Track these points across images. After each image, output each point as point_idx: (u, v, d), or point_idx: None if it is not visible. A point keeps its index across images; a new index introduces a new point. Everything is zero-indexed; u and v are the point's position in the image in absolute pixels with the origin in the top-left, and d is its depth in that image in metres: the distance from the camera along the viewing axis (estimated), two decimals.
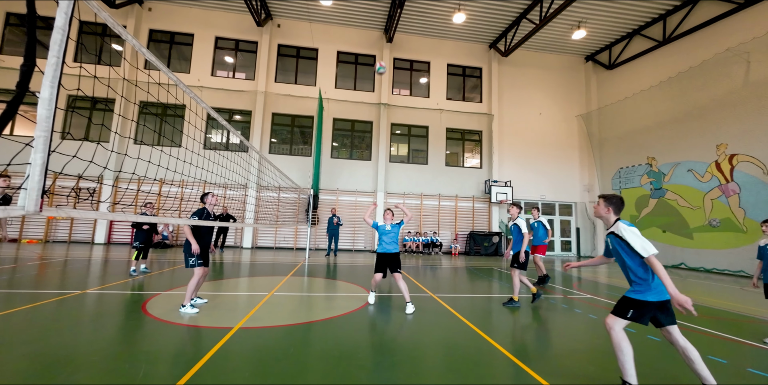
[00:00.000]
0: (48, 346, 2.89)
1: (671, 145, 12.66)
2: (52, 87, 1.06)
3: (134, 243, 6.62)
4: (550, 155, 16.23)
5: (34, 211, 1.03)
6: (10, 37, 13.57)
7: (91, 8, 1.35)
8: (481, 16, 14.16)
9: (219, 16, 14.67)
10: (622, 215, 12.10)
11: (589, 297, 6.00)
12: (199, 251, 4.07)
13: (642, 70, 14.32)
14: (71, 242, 12.62)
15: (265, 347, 3.05)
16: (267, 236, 14.02)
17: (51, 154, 1.09)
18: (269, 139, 14.50)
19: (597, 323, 4.35)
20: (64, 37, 1.11)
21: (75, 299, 4.46)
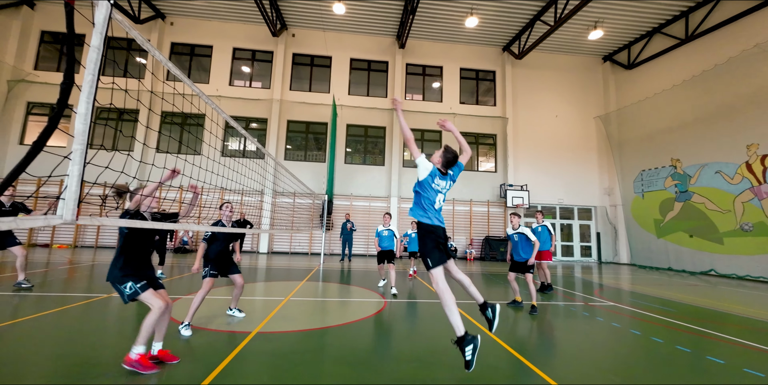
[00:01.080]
0: (76, 348, 3.01)
1: (697, 146, 12.16)
2: (88, 103, 1.13)
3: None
4: (567, 158, 15.86)
5: (72, 220, 1.10)
6: (44, 53, 14.45)
7: (123, 28, 1.44)
8: (493, 19, 14.11)
9: (236, 28, 15.19)
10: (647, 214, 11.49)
11: (612, 305, 5.79)
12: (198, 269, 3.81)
13: (663, 69, 13.88)
14: (98, 247, 13.15)
15: (282, 352, 3.08)
16: (282, 241, 14.22)
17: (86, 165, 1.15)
18: (284, 145, 14.79)
19: (621, 331, 4.18)
20: (99, 56, 1.19)
21: (101, 303, 4.64)
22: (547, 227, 6.92)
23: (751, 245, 10.29)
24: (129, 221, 1.64)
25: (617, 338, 3.94)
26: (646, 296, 6.91)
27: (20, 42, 13.75)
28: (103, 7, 1.18)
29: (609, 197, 15.76)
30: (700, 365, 3.15)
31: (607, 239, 15.54)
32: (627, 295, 7.02)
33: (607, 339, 3.92)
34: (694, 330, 4.32)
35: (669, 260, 12.81)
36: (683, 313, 5.34)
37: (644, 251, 13.95)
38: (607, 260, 15.39)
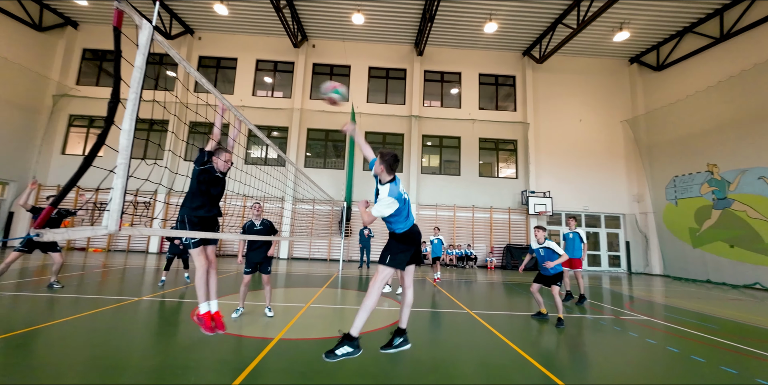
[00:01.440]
0: (109, 350, 3.14)
1: (736, 150, 11.44)
2: (132, 119, 1.20)
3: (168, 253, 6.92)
4: (592, 164, 15.30)
5: (115, 230, 1.16)
6: (85, 69, 15.53)
7: (163, 47, 1.53)
8: (513, 24, 13.98)
9: (260, 41, 15.80)
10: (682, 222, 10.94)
11: (645, 319, 5.46)
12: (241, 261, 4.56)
13: (696, 70, 13.23)
14: (129, 251, 13.79)
15: (303, 360, 3.09)
16: (302, 247, 14.40)
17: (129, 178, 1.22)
18: (304, 153, 15.10)
19: (657, 349, 3.93)
20: (142, 75, 1.26)
21: (132, 306, 4.83)
22: (578, 233, 6.70)
23: None
24: (166, 231, 1.71)
25: (653, 356, 3.70)
26: (683, 310, 6.48)
27: (64, 59, 14.87)
28: (146, 29, 1.26)
29: (639, 204, 15.02)
30: None
31: (638, 249, 14.77)
32: (661, 308, 6.61)
33: (643, 357, 3.69)
34: (740, 349, 4.00)
35: (707, 272, 12.00)
36: (726, 330, 4.96)
37: (679, 262, 13.14)
38: (637, 271, 14.60)
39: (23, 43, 13.64)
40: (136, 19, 1.25)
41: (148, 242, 13.90)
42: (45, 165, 14.24)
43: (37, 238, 0.93)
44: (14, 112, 13.36)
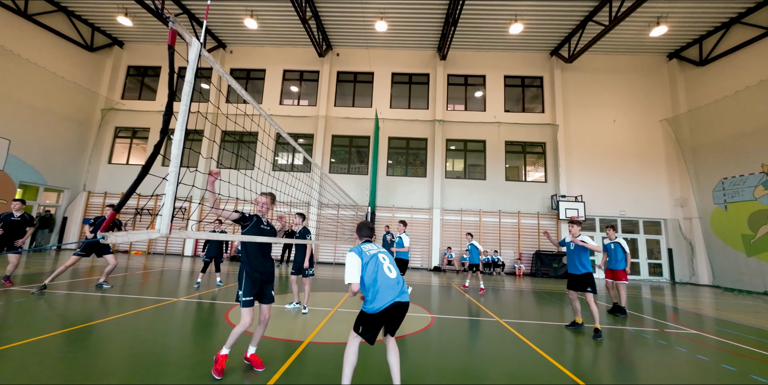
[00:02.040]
0: (150, 348, 3.32)
1: None
2: (182, 130, 1.28)
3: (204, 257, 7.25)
4: (629, 166, 14.47)
5: (167, 233, 1.24)
6: (129, 85, 16.80)
7: (208, 62, 1.63)
8: (540, 24, 13.65)
9: (287, 52, 16.42)
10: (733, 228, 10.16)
11: (694, 333, 5.04)
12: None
13: (746, 63, 12.26)
14: (167, 254, 14.59)
15: (333, 364, 3.11)
16: (327, 251, 14.61)
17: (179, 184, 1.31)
18: (329, 159, 15.41)
19: (710, 366, 3.61)
20: (191, 89, 1.35)
21: (169, 307, 5.10)
22: (620, 244, 6.39)
23: None
24: (208, 234, 1.80)
25: (706, 374, 3.40)
26: (738, 324, 5.92)
27: (111, 76, 16.17)
28: (195, 46, 1.35)
29: (682, 208, 14.00)
30: None
31: (682, 257, 13.72)
32: (712, 322, 6.08)
33: (694, 374, 3.40)
34: None
35: (765, 283, 10.93)
36: None
37: (731, 272, 12.07)
38: (682, 281, 13.55)
39: (77, 63, 14.99)
40: (186, 37, 1.35)
41: (183, 246, 14.65)
42: (94, 174, 15.45)
43: (103, 240, 1.01)
44: (69, 125, 14.66)
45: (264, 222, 3.04)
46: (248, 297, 2.74)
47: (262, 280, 2.85)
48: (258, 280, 2.82)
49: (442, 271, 13.57)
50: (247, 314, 2.72)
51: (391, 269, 2.57)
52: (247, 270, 2.81)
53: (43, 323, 3.90)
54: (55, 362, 2.81)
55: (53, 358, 2.90)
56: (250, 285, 2.76)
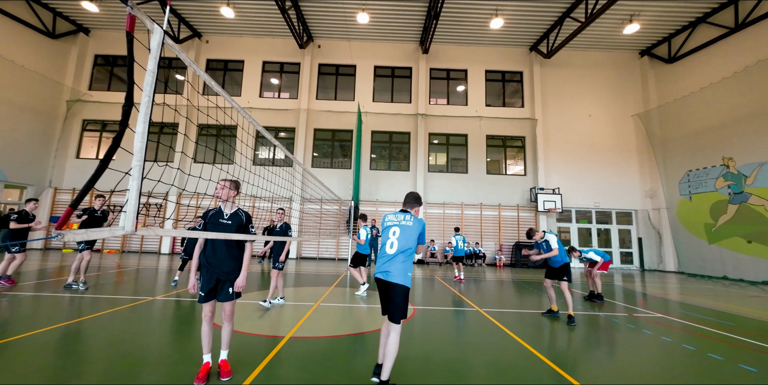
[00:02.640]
0: (127, 348, 3.22)
1: (753, 143, 11.12)
2: (145, 122, 1.22)
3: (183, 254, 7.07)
4: (603, 159, 15.04)
5: (132, 231, 1.19)
6: (97, 75, 15.88)
7: (174, 51, 1.56)
8: (519, 19, 13.81)
9: (266, 43, 15.93)
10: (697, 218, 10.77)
11: (660, 317, 5.36)
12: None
13: (710, 61, 12.88)
14: (142, 252, 14.09)
15: (315, 358, 3.12)
16: (310, 247, 14.51)
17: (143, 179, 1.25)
18: (311, 153, 15.19)
19: (673, 346, 3.85)
20: (154, 79, 1.29)
21: (146, 305, 4.94)
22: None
23: None
24: (178, 231, 1.75)
25: (669, 354, 3.63)
26: (700, 307, 6.34)
27: (77, 65, 15.23)
28: (158, 33, 1.28)
29: (651, 199, 14.72)
30: None
31: (651, 245, 14.48)
32: (676, 306, 6.48)
33: (658, 355, 3.62)
34: (760, 347, 3.90)
35: (724, 269, 11.71)
36: (745, 327, 4.84)
37: (694, 258, 12.85)
38: (651, 268, 14.32)
39: (38, 51, 14.01)
40: (147, 23, 1.28)
41: (160, 243, 14.18)
42: (60, 169, 14.63)
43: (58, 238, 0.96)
44: (31, 118, 13.74)
45: (225, 215, 2.75)
46: (202, 292, 2.62)
47: (218, 277, 2.66)
48: (213, 276, 2.64)
49: (425, 263, 13.77)
50: (203, 308, 2.63)
51: (394, 244, 2.64)
52: (203, 264, 2.66)
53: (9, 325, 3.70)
54: (21, 367, 2.68)
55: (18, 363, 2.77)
56: (206, 281, 2.63)
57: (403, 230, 2.66)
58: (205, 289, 2.62)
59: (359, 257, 6.74)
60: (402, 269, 2.56)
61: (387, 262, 2.61)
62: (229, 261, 2.68)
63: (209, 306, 2.65)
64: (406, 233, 2.65)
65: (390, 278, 2.54)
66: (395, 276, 2.54)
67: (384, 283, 2.59)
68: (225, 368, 2.62)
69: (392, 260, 2.60)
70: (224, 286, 2.67)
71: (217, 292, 2.68)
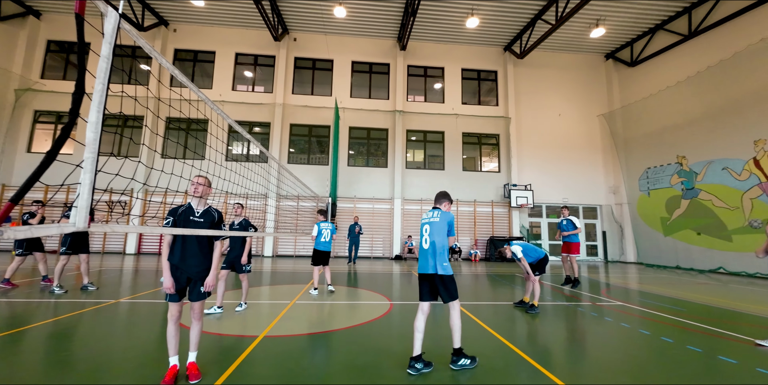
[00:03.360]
0: (86, 353, 3.04)
1: (703, 142, 12.04)
2: (99, 111, 1.14)
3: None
4: (571, 157, 15.77)
5: (84, 227, 1.11)
6: (51, 62, 14.67)
7: (131, 37, 1.46)
8: (494, 19, 14.12)
9: (239, 34, 15.33)
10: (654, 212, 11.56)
11: (620, 304, 5.73)
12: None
13: (667, 66, 13.78)
14: (104, 252, 13.27)
15: (290, 356, 3.09)
16: (287, 244, 14.26)
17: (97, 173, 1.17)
18: (288, 149, 14.87)
19: (630, 331, 4.14)
20: (109, 66, 1.21)
21: (110, 308, 4.68)
22: (572, 220, 7.13)
23: (761, 242, 10.08)
24: (137, 227, 1.66)
25: (627, 339, 3.89)
26: (655, 295, 6.83)
27: (27, 51, 13.98)
28: (112, 17, 1.20)
29: (614, 195, 15.63)
30: (713, 365, 3.11)
31: (614, 238, 15.40)
32: (635, 294, 6.95)
33: (617, 340, 3.88)
34: (706, 329, 4.27)
35: (677, 259, 12.66)
36: (694, 312, 5.27)
37: (652, 250, 13.80)
38: (613, 259, 15.25)
39: None
40: (101, 6, 1.19)
41: (125, 243, 13.41)
42: (9, 164, 13.45)
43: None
44: None
45: (197, 212, 2.70)
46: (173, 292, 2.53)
47: (188, 276, 2.58)
48: (183, 275, 2.57)
49: (403, 259, 13.91)
50: (170, 308, 2.54)
51: (427, 240, 3.04)
52: (173, 263, 2.57)
53: None
54: None
55: None
56: (174, 279, 2.55)
57: (433, 226, 3.05)
58: (174, 289, 2.53)
59: (317, 254, 6.28)
60: (440, 261, 2.94)
61: (425, 257, 3.01)
62: (200, 260, 2.61)
63: (177, 306, 2.56)
64: (435, 228, 3.03)
65: (430, 270, 2.95)
66: (437, 268, 2.93)
67: (428, 276, 2.97)
68: (194, 371, 2.53)
69: (429, 254, 2.99)
70: (195, 285, 2.60)
71: (187, 291, 2.61)
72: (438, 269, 2.91)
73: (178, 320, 2.57)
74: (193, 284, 2.60)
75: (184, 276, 2.57)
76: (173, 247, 2.58)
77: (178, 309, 2.57)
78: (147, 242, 13.72)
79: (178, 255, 2.56)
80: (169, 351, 2.52)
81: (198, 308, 2.64)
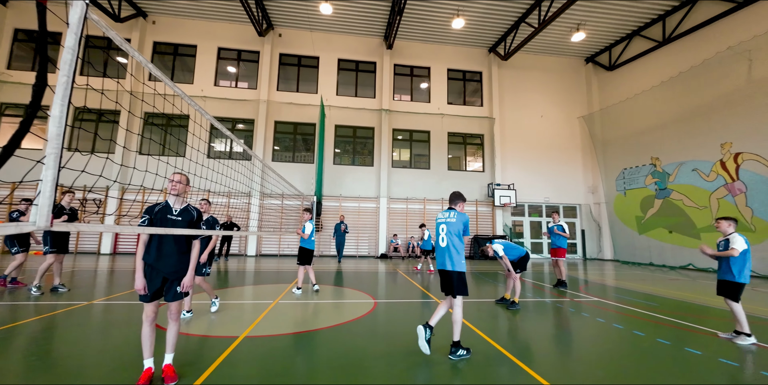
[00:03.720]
0: (58, 357, 2.91)
1: (675, 144, 12.59)
2: (63, 105, 1.09)
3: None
4: (552, 157, 16.19)
5: (45, 226, 1.06)
6: (18, 52, 13.89)
7: (100, 28, 1.40)
8: (480, 20, 14.30)
9: (221, 28, 14.94)
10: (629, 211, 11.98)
11: (597, 300, 5.94)
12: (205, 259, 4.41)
13: (643, 70, 14.32)
14: (78, 252, 12.71)
15: (271, 356, 3.05)
16: (271, 243, 14.05)
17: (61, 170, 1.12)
18: (272, 147, 14.62)
19: (605, 326, 4.29)
20: (74, 57, 1.15)
21: (83, 310, 4.49)
22: (562, 226, 7.29)
23: None
24: (109, 227, 1.59)
25: (601, 333, 4.04)
26: (630, 291, 7.11)
27: None
28: (78, 6, 1.14)
29: (593, 195, 16.15)
30: (680, 356, 3.26)
31: (592, 236, 15.93)
32: (612, 290, 7.21)
33: (592, 334, 4.02)
34: (675, 323, 4.48)
35: (651, 256, 13.22)
36: (665, 307, 5.52)
37: (627, 248, 14.35)
38: (591, 257, 15.77)
39: None
40: None
41: (99, 242, 12.88)
42: None
43: None
44: None
45: (174, 211, 2.60)
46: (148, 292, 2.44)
47: (165, 276, 2.51)
48: (159, 275, 2.49)
49: (388, 258, 13.95)
50: (146, 308, 2.46)
51: (444, 239, 3.30)
52: (148, 263, 2.48)
53: None
54: None
55: None
56: (150, 280, 2.46)
57: (450, 226, 3.28)
58: (149, 288, 2.45)
59: (304, 252, 6.17)
60: (455, 258, 3.21)
61: (442, 255, 3.29)
62: (177, 259, 2.54)
63: (152, 307, 2.49)
64: (452, 228, 3.27)
65: (447, 267, 3.24)
66: (451, 265, 3.22)
67: (444, 272, 3.28)
68: (170, 373, 2.45)
69: (446, 252, 3.26)
70: (172, 285, 2.54)
71: (163, 292, 2.54)
72: (452, 266, 3.21)
73: (153, 321, 2.49)
74: (169, 284, 2.54)
75: (160, 276, 2.49)
76: (149, 246, 2.50)
77: (154, 310, 2.50)
78: (123, 242, 13.23)
79: (154, 254, 2.48)
80: (143, 353, 2.44)
81: (175, 309, 2.59)
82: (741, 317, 3.69)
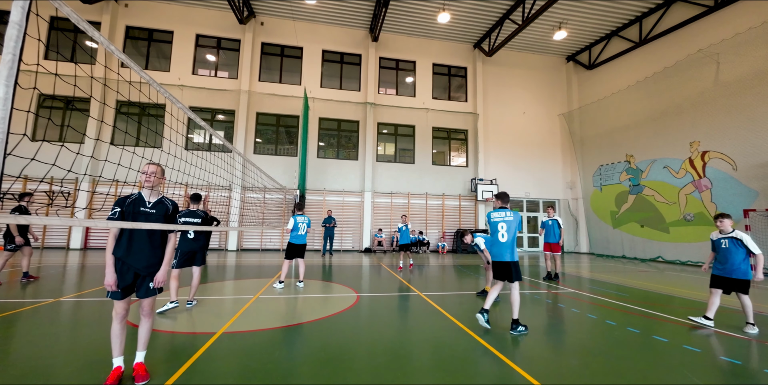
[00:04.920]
0: (22, 357, 2.75)
1: (648, 143, 13.12)
2: (8, 86, 0.99)
3: None
4: (534, 153, 16.56)
5: None
6: None
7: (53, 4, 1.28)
8: (465, 16, 14.29)
9: (199, 13, 14.30)
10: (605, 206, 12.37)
11: (572, 292, 6.16)
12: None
13: (620, 70, 14.76)
14: (45, 248, 12.08)
15: (250, 352, 2.99)
16: (253, 237, 13.79)
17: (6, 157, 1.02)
18: (254, 139, 14.24)
19: (579, 316, 4.46)
20: (21, 34, 1.04)
21: (49, 308, 4.27)
22: (557, 221, 7.47)
23: (693, 234, 11.33)
24: (67, 220, 1.49)
25: (576, 323, 4.19)
26: (603, 282, 7.42)
27: None
28: None
29: (571, 190, 16.67)
30: (648, 343, 3.43)
31: (569, 230, 16.48)
32: (586, 282, 7.49)
33: (567, 325, 4.16)
34: (644, 312, 4.70)
35: (623, 249, 13.82)
36: (635, 297, 5.78)
37: (602, 241, 14.95)
38: (569, 250, 16.34)
39: None
40: None
41: (68, 237, 12.26)
42: None
43: None
44: None
45: (148, 203, 2.48)
46: (118, 288, 2.33)
47: (137, 272, 2.40)
48: (131, 271, 2.37)
49: (372, 252, 13.98)
50: (116, 305, 2.37)
51: (505, 235, 3.89)
52: (118, 258, 2.36)
53: None
54: None
55: None
56: (121, 275, 2.34)
57: (508, 223, 3.89)
58: (120, 284, 2.33)
59: (292, 248, 6.15)
60: (513, 250, 3.84)
61: (503, 248, 3.86)
62: (150, 254, 2.43)
63: (123, 304, 2.38)
64: (510, 225, 3.87)
65: (506, 258, 3.84)
66: (511, 256, 3.82)
67: (503, 263, 3.85)
68: (141, 371, 2.36)
69: (506, 246, 3.85)
70: (144, 281, 2.44)
71: (135, 288, 2.43)
72: (511, 258, 3.81)
73: (123, 319, 2.39)
74: (141, 279, 2.43)
75: (131, 271, 2.38)
76: (119, 239, 2.36)
77: (124, 307, 2.39)
78: (95, 236, 12.66)
79: (124, 248, 2.35)
80: (113, 352, 2.34)
81: (147, 306, 2.49)
82: (750, 309, 3.98)
